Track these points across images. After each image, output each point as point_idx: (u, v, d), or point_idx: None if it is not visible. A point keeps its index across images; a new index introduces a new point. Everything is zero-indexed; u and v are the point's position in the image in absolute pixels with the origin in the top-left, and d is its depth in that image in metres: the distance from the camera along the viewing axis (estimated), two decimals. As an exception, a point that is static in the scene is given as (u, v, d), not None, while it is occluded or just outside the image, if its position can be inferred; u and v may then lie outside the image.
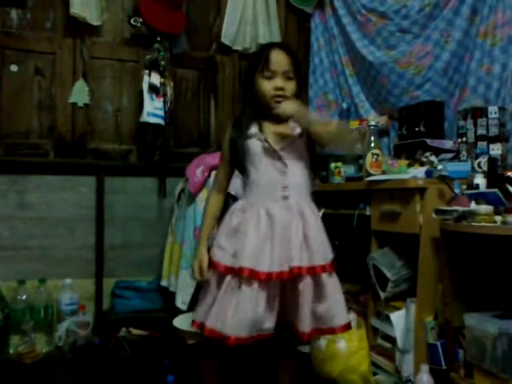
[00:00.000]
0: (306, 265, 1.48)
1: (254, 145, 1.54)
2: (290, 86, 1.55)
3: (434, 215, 1.75)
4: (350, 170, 2.48)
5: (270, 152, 1.53)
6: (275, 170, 1.53)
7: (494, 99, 2.24)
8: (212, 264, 1.54)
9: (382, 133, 2.67)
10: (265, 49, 1.58)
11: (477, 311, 1.66)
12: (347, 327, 1.57)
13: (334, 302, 1.53)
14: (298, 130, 1.53)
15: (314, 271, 1.49)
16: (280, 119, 1.55)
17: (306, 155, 1.58)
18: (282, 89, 1.53)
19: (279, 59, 1.53)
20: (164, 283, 2.56)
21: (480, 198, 1.65)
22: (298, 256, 1.47)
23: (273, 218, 1.49)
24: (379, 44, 2.83)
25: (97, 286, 2.70)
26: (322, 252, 1.52)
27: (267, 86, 1.53)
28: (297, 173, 1.55)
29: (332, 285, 1.54)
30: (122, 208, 2.80)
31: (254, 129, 1.56)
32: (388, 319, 1.97)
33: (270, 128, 1.57)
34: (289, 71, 1.54)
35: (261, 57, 1.55)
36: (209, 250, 1.59)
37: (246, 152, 1.54)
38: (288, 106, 1.51)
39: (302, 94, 1.64)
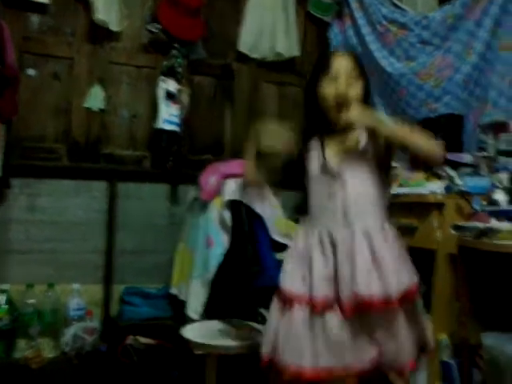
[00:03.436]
0: (378, 294, 1.31)
1: (313, 166, 1.47)
2: (354, 90, 1.44)
3: (452, 231, 1.70)
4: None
5: (329, 171, 1.44)
6: (334, 191, 1.42)
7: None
8: (278, 291, 1.44)
9: (399, 145, 2.62)
10: (326, 54, 1.56)
11: (494, 330, 1.60)
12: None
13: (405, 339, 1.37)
14: (362, 143, 1.43)
15: (387, 303, 1.32)
16: (344, 130, 1.45)
17: (373, 168, 1.44)
18: (344, 94, 1.42)
19: (341, 61, 1.45)
20: (173, 291, 2.53)
21: (501, 215, 1.60)
22: (364, 284, 1.32)
23: (336, 245, 1.39)
24: (399, 55, 2.80)
25: (105, 291, 2.67)
26: (398, 278, 1.36)
27: (329, 91, 1.43)
28: (360, 190, 1.42)
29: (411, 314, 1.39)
30: (133, 214, 2.77)
31: (314, 146, 1.49)
32: (401, 336, 1.91)
33: (333, 143, 1.47)
34: (352, 72, 1.44)
35: (322, 62, 1.49)
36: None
37: (305, 173, 1.48)
38: (353, 115, 1.39)
39: (369, 97, 1.52)
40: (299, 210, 2.75)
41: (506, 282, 1.69)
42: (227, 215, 2.27)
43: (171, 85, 2.74)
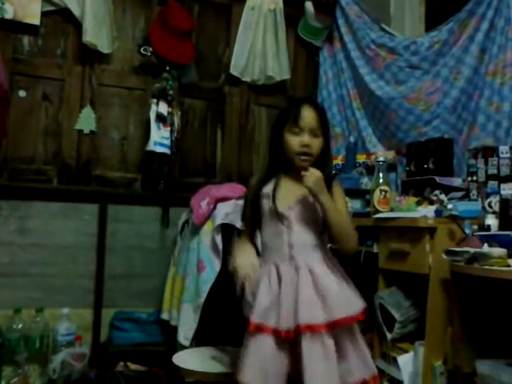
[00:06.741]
0: (321, 322, 1.45)
1: (265, 205, 1.59)
2: (316, 144, 1.57)
3: (444, 256, 1.70)
4: (356, 205, 2.44)
5: (276, 213, 1.56)
6: (281, 231, 1.56)
7: (503, 137, 2.23)
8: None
9: (389, 167, 2.64)
10: (295, 104, 1.61)
11: (488, 358, 1.60)
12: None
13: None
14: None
15: (332, 326, 1.46)
16: (300, 173, 1.57)
17: (318, 213, 1.56)
18: (307, 145, 1.55)
19: (308, 116, 1.56)
20: (164, 316, 2.49)
21: (492, 240, 1.61)
22: (306, 313, 1.45)
23: (281, 277, 1.52)
24: (388, 79, 2.83)
25: (95, 316, 2.63)
26: (343, 306, 1.49)
27: (294, 142, 1.56)
28: (304, 232, 1.56)
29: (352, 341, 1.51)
30: (124, 237, 2.75)
31: (269, 187, 1.60)
32: (395, 361, 1.90)
33: (287, 184, 1.60)
34: (316, 128, 1.57)
35: (291, 112, 1.58)
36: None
37: (260, 211, 1.60)
38: (310, 179, 1.51)
39: (330, 152, 1.65)
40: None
41: (499, 308, 1.70)
42: (219, 239, 2.26)
43: (162, 107, 2.74)
